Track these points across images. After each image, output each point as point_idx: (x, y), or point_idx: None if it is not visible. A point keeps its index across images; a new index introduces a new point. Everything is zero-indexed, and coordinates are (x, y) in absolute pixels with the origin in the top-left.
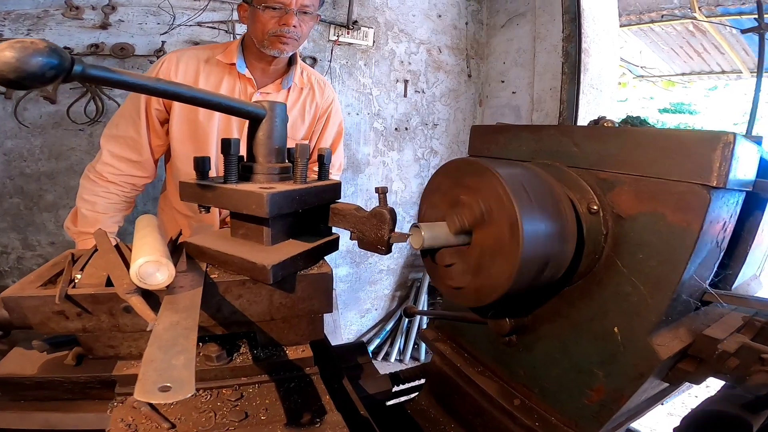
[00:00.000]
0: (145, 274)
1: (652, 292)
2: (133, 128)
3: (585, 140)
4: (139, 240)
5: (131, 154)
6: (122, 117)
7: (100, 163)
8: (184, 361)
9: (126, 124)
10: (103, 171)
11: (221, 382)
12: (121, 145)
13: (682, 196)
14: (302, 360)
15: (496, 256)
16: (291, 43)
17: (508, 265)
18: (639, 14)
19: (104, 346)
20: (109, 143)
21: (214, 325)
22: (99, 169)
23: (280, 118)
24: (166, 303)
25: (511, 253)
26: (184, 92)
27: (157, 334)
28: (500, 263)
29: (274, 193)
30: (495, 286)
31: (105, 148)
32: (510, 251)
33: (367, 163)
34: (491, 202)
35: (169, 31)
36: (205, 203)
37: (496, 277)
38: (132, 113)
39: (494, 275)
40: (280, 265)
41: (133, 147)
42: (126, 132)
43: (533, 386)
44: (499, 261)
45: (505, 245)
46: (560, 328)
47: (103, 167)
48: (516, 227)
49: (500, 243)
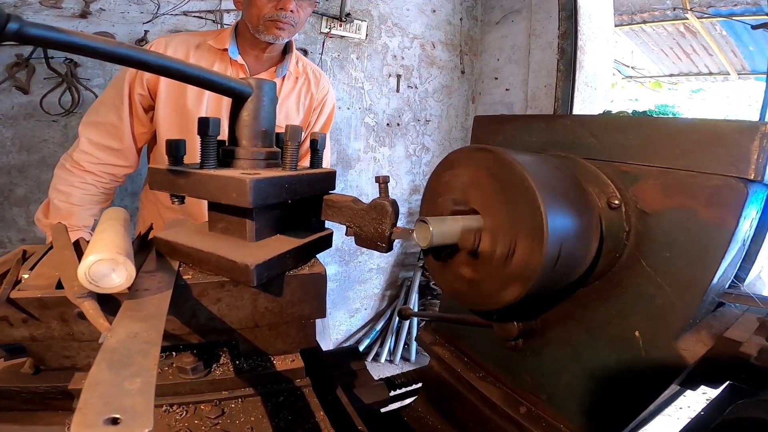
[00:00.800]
0: (97, 274)
1: (680, 294)
2: (115, 114)
3: (605, 131)
4: (97, 235)
5: (111, 141)
6: (103, 103)
7: (78, 151)
8: (140, 385)
9: (107, 110)
10: (81, 159)
11: (198, 396)
12: (101, 132)
13: (717, 190)
14: (292, 371)
15: (511, 256)
16: (287, 29)
17: (528, 266)
18: (631, 14)
19: (58, 356)
20: (88, 130)
21: (188, 333)
22: (76, 157)
23: (268, 97)
24: (125, 309)
25: (532, 255)
26: (152, 59)
27: (108, 349)
28: (519, 264)
29: (259, 179)
30: (509, 290)
31: (83, 135)
32: (532, 252)
33: (358, 159)
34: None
35: (153, 20)
36: (178, 192)
37: (513, 279)
38: (114, 99)
39: (511, 276)
40: (265, 264)
41: (114, 134)
42: (106, 118)
43: (541, 393)
44: (518, 262)
45: (527, 245)
46: (572, 333)
47: (81, 155)
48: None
49: (521, 243)
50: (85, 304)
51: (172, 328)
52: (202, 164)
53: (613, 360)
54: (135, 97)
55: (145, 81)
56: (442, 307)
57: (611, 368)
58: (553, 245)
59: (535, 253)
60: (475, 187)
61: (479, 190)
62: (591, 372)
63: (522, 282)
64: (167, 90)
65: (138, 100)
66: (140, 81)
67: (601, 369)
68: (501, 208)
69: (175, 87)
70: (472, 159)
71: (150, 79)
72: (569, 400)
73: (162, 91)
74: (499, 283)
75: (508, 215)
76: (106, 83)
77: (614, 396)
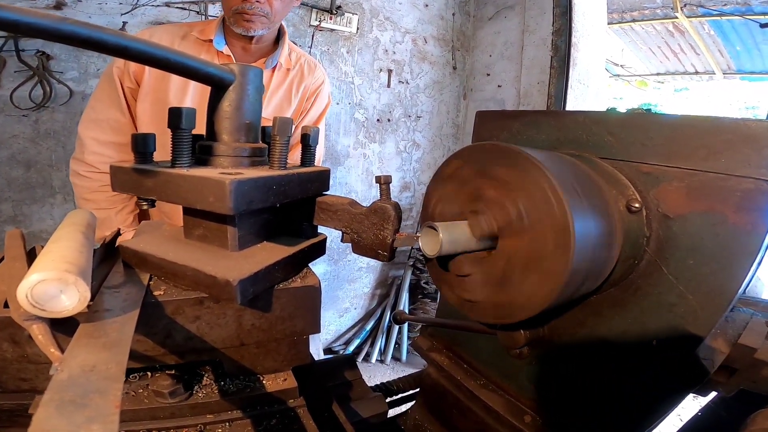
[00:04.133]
0: (42, 297)
1: (703, 303)
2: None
3: (623, 129)
4: (48, 246)
5: (117, 137)
6: (99, 100)
7: (88, 153)
8: None
9: (105, 107)
10: (94, 162)
11: (179, 420)
12: (105, 129)
13: (748, 194)
14: (284, 391)
15: (531, 268)
16: (257, 21)
17: (548, 279)
18: (621, 12)
19: (14, 378)
20: (90, 129)
21: (163, 354)
22: (89, 160)
23: (253, 85)
24: (80, 336)
25: (553, 267)
26: (109, 38)
27: (57, 387)
28: (537, 276)
29: (241, 181)
30: (527, 303)
31: (87, 136)
32: (553, 264)
33: (347, 155)
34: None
35: (132, 11)
36: (144, 194)
37: (529, 293)
38: (110, 93)
39: (527, 290)
40: (250, 279)
41: (118, 129)
42: (107, 114)
43: (546, 402)
44: (536, 273)
45: (547, 256)
46: (583, 341)
47: (93, 157)
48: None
49: (539, 252)
50: (33, 327)
51: (144, 350)
52: (174, 162)
53: (628, 370)
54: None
55: (132, 73)
56: (440, 312)
57: (625, 378)
58: (578, 257)
59: (557, 266)
60: (489, 189)
61: (494, 192)
62: (603, 382)
63: (541, 297)
64: (148, 81)
65: (130, 94)
66: (127, 74)
67: (614, 379)
68: (519, 213)
69: (157, 78)
70: (485, 157)
71: (136, 71)
72: (578, 410)
73: (145, 82)
74: (515, 299)
75: (527, 222)
76: (80, 76)
77: (628, 406)
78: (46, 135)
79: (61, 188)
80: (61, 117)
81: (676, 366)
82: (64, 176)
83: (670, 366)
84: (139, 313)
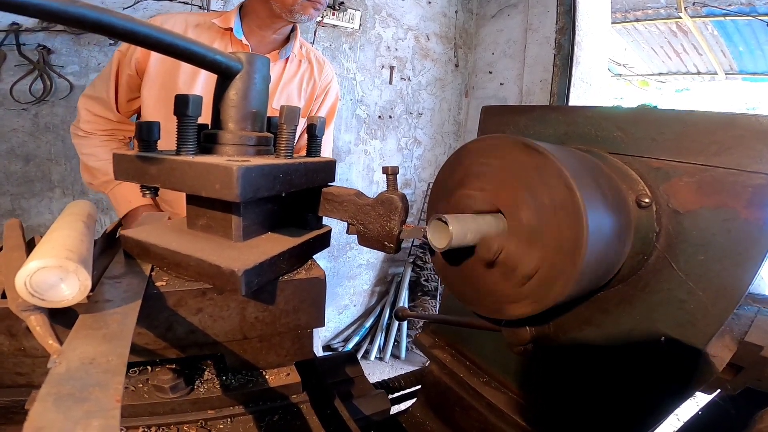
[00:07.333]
0: (41, 285)
1: (714, 300)
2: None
3: (632, 124)
4: (48, 234)
5: (107, 113)
6: (100, 78)
7: (83, 122)
8: (97, 430)
9: (101, 85)
10: (88, 127)
11: (180, 416)
12: (96, 104)
13: (760, 190)
14: (287, 386)
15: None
16: (320, 9)
17: (559, 277)
18: (625, 12)
19: (10, 373)
20: (85, 102)
21: (164, 348)
22: (84, 127)
23: (260, 74)
24: (79, 327)
25: (565, 264)
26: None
27: (55, 380)
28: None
29: (249, 168)
30: (539, 299)
31: (82, 107)
32: (565, 262)
33: (348, 152)
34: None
35: (134, 6)
36: (148, 182)
37: (543, 288)
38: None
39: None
40: (255, 269)
41: (107, 107)
42: (99, 93)
43: (551, 400)
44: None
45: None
46: (589, 338)
47: (87, 125)
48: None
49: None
50: (31, 318)
51: (145, 343)
52: (179, 149)
53: (635, 367)
54: (122, 78)
55: (134, 61)
56: (443, 308)
57: (632, 375)
58: (590, 256)
59: (568, 264)
60: (501, 183)
61: (505, 185)
62: (608, 378)
63: (552, 295)
64: (156, 68)
65: (126, 81)
66: (128, 61)
67: (621, 376)
68: (531, 208)
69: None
70: (497, 150)
71: (140, 59)
72: (583, 408)
73: (151, 69)
74: (524, 295)
75: (539, 217)
76: (81, 71)
77: (634, 404)
78: (46, 129)
79: (60, 182)
80: (60, 111)
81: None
82: (63, 170)
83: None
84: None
